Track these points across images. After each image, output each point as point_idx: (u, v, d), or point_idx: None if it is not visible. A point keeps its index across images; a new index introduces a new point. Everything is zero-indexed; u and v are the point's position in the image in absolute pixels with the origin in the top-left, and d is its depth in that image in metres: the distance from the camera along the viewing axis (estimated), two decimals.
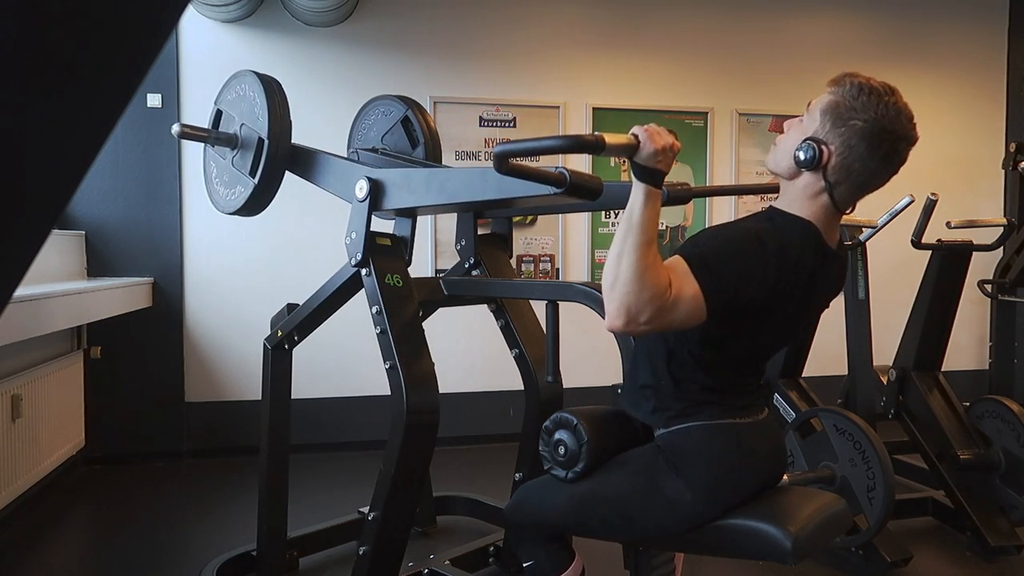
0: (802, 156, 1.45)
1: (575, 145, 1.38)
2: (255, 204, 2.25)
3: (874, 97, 1.40)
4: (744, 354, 1.56)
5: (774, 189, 1.61)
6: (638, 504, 1.54)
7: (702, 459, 1.50)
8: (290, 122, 2.23)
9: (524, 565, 1.74)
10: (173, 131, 2.26)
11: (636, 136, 1.33)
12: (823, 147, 1.43)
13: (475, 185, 1.87)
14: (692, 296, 1.34)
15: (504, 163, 1.41)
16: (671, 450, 1.53)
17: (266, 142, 2.16)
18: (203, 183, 2.26)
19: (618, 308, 1.32)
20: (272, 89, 2.22)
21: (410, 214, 2.19)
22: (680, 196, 1.81)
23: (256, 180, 2.19)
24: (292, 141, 2.25)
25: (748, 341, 1.53)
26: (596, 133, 1.33)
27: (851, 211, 1.55)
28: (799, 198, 1.49)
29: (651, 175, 1.33)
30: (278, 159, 2.19)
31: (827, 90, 1.48)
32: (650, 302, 1.30)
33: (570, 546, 1.74)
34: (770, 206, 1.56)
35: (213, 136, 2.32)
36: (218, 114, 2.37)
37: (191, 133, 2.35)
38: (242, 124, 2.27)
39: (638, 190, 1.34)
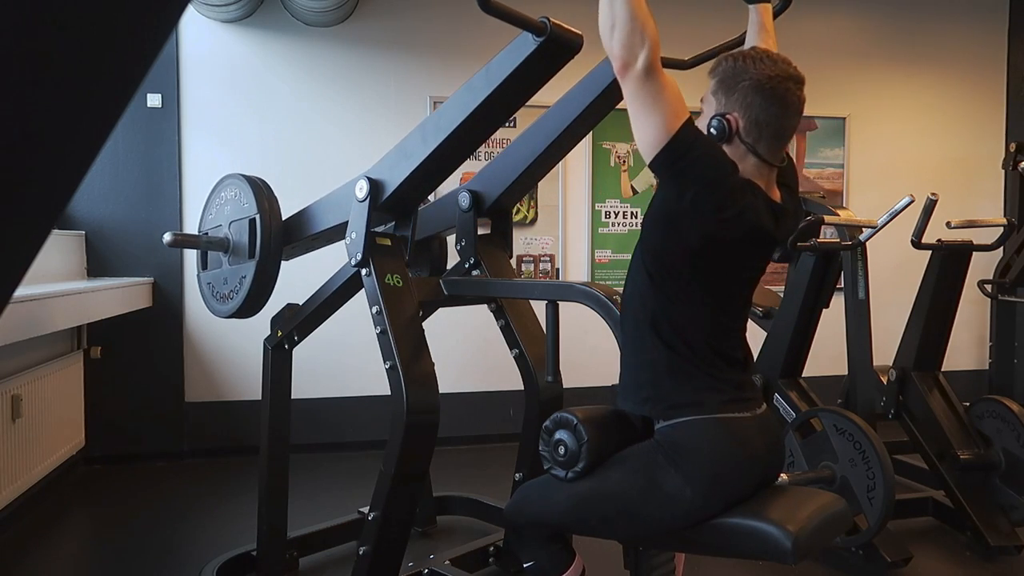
0: (714, 132, 1.55)
1: None
2: (258, 290, 2.24)
3: (748, 60, 1.55)
4: (712, 306, 1.58)
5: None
6: (638, 500, 1.54)
7: (701, 454, 1.51)
8: (278, 203, 2.26)
9: (525, 565, 1.74)
10: (165, 240, 2.25)
11: None
12: (728, 117, 1.55)
13: (466, 98, 1.88)
14: (673, 108, 1.44)
15: (487, 2, 1.52)
16: (670, 445, 1.53)
17: (258, 217, 2.19)
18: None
19: (619, 43, 1.43)
20: (255, 181, 2.27)
21: (414, 195, 2.18)
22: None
23: (256, 258, 2.20)
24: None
25: (706, 284, 1.57)
26: None
27: (783, 163, 1.63)
28: None
29: None
30: (272, 231, 2.21)
31: (709, 79, 1.61)
32: (646, 41, 1.42)
33: (571, 546, 1.74)
34: None
35: (205, 240, 2.33)
36: (205, 235, 2.37)
37: (184, 240, 2.38)
38: (231, 223, 2.29)
39: None
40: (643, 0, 1.43)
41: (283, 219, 2.29)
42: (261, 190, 2.25)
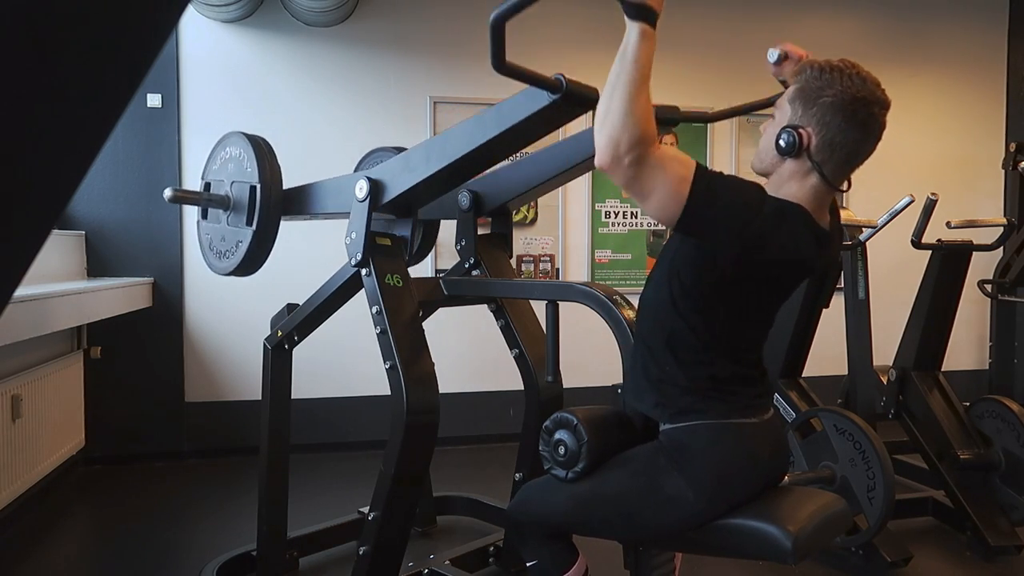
0: (783, 144, 1.47)
1: None
2: (255, 255, 2.24)
3: (836, 72, 1.44)
4: (734, 330, 1.55)
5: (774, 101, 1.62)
6: (639, 502, 1.54)
7: (704, 458, 1.50)
8: (279, 170, 2.25)
9: (528, 565, 1.74)
10: (165, 196, 2.25)
11: None
12: (801, 131, 1.46)
13: (474, 132, 1.87)
14: (677, 175, 1.36)
15: (502, 63, 1.47)
16: (674, 447, 1.52)
17: (258, 187, 2.19)
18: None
19: (607, 140, 1.34)
20: (259, 143, 2.25)
21: (413, 203, 2.18)
22: (668, 118, 1.82)
23: (254, 227, 2.19)
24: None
25: (734, 310, 1.52)
26: None
27: (847, 188, 1.55)
28: (788, 183, 1.51)
29: (643, 12, 1.33)
30: (272, 202, 2.20)
31: (791, 82, 1.51)
32: (637, 141, 1.32)
33: (573, 545, 1.74)
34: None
35: (205, 198, 2.32)
36: (207, 186, 2.37)
37: (184, 196, 2.38)
38: (232, 182, 2.28)
39: (632, 29, 1.34)
40: (644, 98, 1.34)
41: (285, 188, 2.27)
42: (264, 156, 2.22)
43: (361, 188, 2.08)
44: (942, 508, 3.08)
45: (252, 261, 2.26)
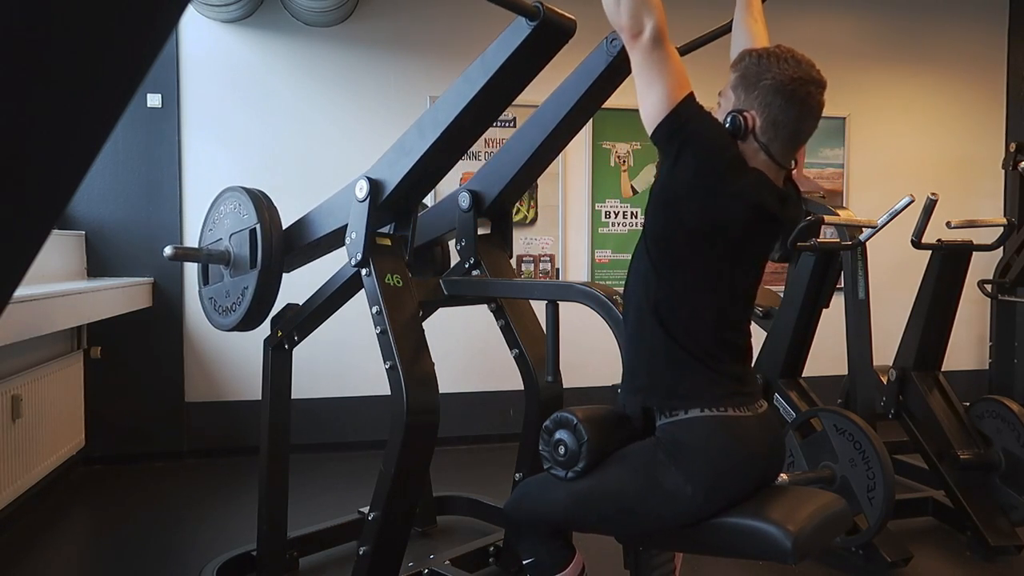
0: (729, 127, 1.56)
1: None
2: (261, 299, 2.23)
3: (772, 58, 1.53)
4: (716, 291, 1.57)
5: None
6: (638, 498, 1.54)
7: (702, 452, 1.51)
8: (277, 213, 2.26)
9: (525, 562, 1.74)
10: (166, 254, 2.25)
11: None
12: (745, 114, 1.54)
13: (463, 89, 1.89)
14: (678, 81, 1.49)
15: None
16: (671, 443, 1.53)
17: (258, 227, 2.19)
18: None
19: (627, 13, 1.47)
20: (253, 192, 2.27)
21: (414, 192, 2.18)
22: None
23: (258, 267, 2.19)
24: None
25: (711, 265, 1.56)
26: None
27: (794, 166, 1.62)
28: None
29: None
30: (273, 240, 2.20)
31: (731, 71, 1.60)
32: (652, 10, 1.47)
33: (571, 543, 1.74)
34: None
35: (205, 253, 2.32)
36: (207, 255, 2.36)
37: (184, 254, 2.37)
38: (231, 235, 2.29)
39: None
40: None
41: (283, 228, 2.29)
42: (260, 201, 2.25)
43: (361, 188, 2.08)
44: (942, 508, 3.08)
45: (258, 308, 2.25)
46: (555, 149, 2.28)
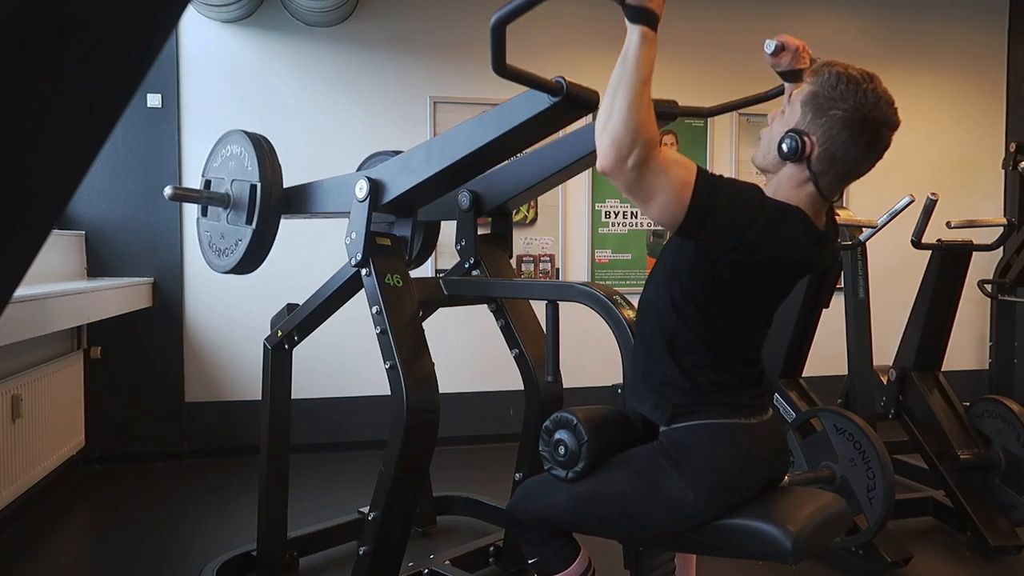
0: (785, 148, 1.46)
1: None
2: (254, 254, 2.24)
3: (852, 85, 1.41)
4: (735, 331, 1.55)
5: (779, 93, 1.59)
6: (639, 502, 1.54)
7: (705, 458, 1.50)
8: (280, 169, 2.25)
9: (529, 562, 1.74)
10: (165, 193, 2.24)
11: None
12: (805, 138, 1.44)
13: (474, 133, 1.87)
14: (680, 179, 1.35)
15: (503, 66, 1.46)
16: (674, 448, 1.52)
17: (258, 186, 2.19)
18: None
19: (609, 143, 1.33)
20: (259, 142, 2.25)
21: (413, 203, 2.18)
22: (667, 112, 1.81)
23: (253, 226, 2.19)
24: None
25: (734, 311, 1.52)
26: None
27: (838, 199, 1.56)
28: (785, 188, 1.50)
29: (644, 15, 1.32)
30: (272, 201, 2.20)
31: (807, 80, 1.48)
32: (639, 143, 1.31)
33: (574, 540, 1.74)
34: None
35: (205, 196, 2.32)
36: (207, 184, 2.36)
37: (184, 195, 2.37)
38: (233, 180, 2.28)
39: (633, 32, 1.33)
40: (646, 101, 1.33)
41: (285, 187, 2.28)
42: (265, 154, 2.22)
43: (361, 188, 2.08)
44: (942, 508, 3.08)
45: (251, 259, 2.26)
46: (563, 179, 2.25)
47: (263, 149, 2.23)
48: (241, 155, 2.26)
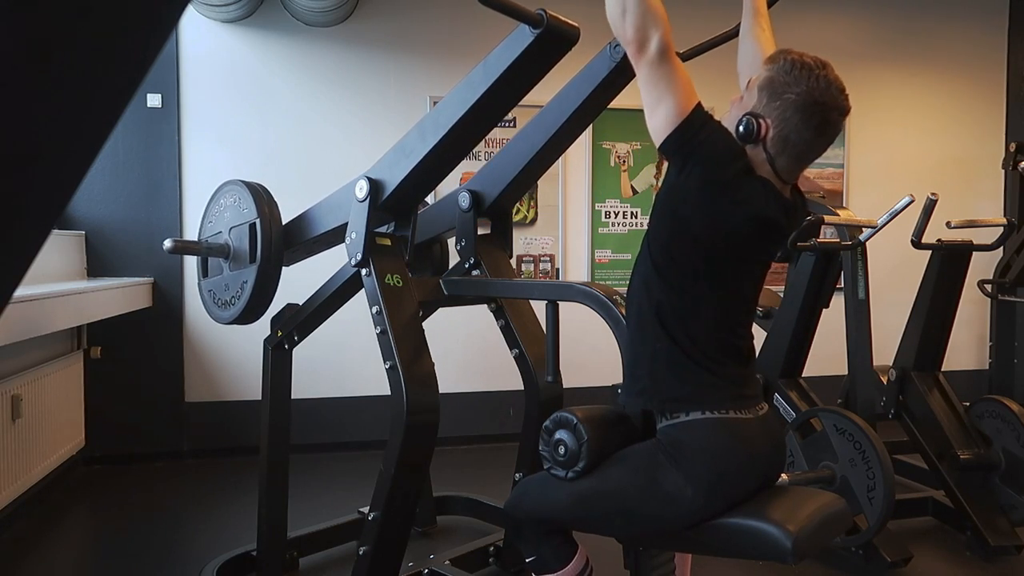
0: (742, 130, 1.53)
1: None
2: (260, 294, 2.22)
3: (806, 71, 1.49)
4: (718, 296, 1.56)
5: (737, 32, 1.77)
6: (638, 499, 1.54)
7: (703, 454, 1.51)
8: (277, 207, 2.26)
9: (527, 560, 1.74)
10: (165, 247, 2.24)
11: None
12: (760, 120, 1.52)
13: (464, 93, 1.88)
14: (686, 93, 1.47)
15: None
16: (672, 444, 1.53)
17: (258, 221, 2.19)
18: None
19: (634, 28, 1.45)
20: (253, 186, 2.26)
21: (413, 194, 2.17)
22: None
23: (257, 262, 2.19)
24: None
25: (713, 272, 1.55)
26: None
27: (794, 181, 1.61)
28: None
29: None
30: (272, 235, 2.20)
31: (764, 67, 1.56)
32: (658, 26, 1.45)
33: (572, 538, 1.74)
34: None
35: (204, 246, 2.32)
36: (207, 249, 2.35)
37: (184, 247, 2.38)
38: (231, 228, 2.28)
39: None
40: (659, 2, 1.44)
41: (283, 223, 2.29)
42: (261, 195, 2.25)
43: (361, 188, 2.09)
44: (942, 508, 3.08)
45: (257, 302, 2.24)
46: (556, 152, 2.28)
47: (258, 192, 2.25)
48: (236, 203, 2.27)
